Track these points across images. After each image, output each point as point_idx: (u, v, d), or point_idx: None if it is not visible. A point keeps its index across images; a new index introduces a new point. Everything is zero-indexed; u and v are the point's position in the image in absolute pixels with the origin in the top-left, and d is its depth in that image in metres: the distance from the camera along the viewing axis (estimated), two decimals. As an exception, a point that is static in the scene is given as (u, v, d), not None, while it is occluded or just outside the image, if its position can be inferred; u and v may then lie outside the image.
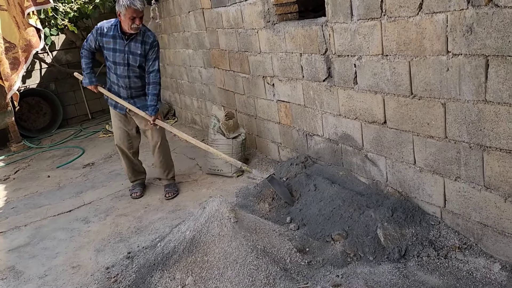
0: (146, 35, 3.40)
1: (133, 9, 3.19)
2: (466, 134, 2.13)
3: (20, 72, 5.28)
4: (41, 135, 6.72)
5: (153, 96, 3.43)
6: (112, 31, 3.38)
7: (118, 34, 3.37)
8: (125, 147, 3.70)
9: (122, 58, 3.41)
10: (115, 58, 3.43)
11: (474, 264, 2.19)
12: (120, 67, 3.44)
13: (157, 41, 3.48)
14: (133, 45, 3.38)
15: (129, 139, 3.70)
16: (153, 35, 3.44)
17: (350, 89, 2.81)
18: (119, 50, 3.39)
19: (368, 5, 2.46)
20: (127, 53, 3.39)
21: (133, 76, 3.47)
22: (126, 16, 3.22)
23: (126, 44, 3.38)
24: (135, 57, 3.40)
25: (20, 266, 2.94)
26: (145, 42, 3.39)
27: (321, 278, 2.29)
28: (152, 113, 3.42)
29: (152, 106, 3.43)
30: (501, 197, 2.06)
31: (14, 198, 4.24)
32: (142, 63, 3.44)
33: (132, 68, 3.44)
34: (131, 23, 3.25)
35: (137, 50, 3.38)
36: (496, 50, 1.88)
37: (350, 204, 2.72)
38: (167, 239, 2.62)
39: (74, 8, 6.09)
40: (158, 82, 3.46)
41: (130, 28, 3.27)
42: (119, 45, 3.39)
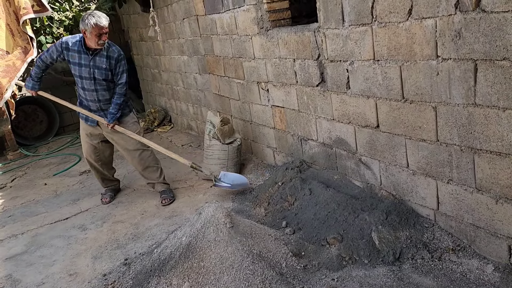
0: (110, 50, 3.48)
1: (99, 27, 3.28)
2: (457, 137, 2.17)
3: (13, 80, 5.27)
4: (37, 143, 6.72)
5: (115, 105, 3.57)
6: (77, 47, 3.46)
7: (83, 50, 3.45)
8: (93, 160, 3.82)
9: (88, 73, 3.49)
10: (81, 72, 3.51)
11: (467, 266, 2.21)
12: (86, 81, 3.53)
13: (123, 55, 3.56)
14: (98, 60, 3.46)
15: (97, 152, 3.80)
16: (117, 50, 3.53)
17: (343, 93, 2.84)
18: (84, 64, 3.48)
19: (359, 11, 2.50)
20: (92, 68, 3.48)
21: (101, 89, 3.56)
22: (93, 34, 3.29)
23: (91, 58, 3.46)
24: (100, 71, 3.49)
25: (17, 275, 2.94)
26: (110, 57, 3.48)
27: (316, 282, 2.30)
28: (110, 120, 3.56)
29: (111, 114, 3.57)
30: (493, 199, 2.09)
31: (11, 206, 4.24)
32: (107, 77, 3.53)
33: (98, 82, 3.53)
34: (98, 40, 3.33)
35: (102, 65, 3.47)
36: (484, 54, 1.91)
37: (345, 207, 2.74)
38: (163, 245, 2.64)
39: (69, 16, 6.11)
40: (123, 93, 3.59)
41: (97, 44, 3.36)
42: (84, 60, 3.47)
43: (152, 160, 3.78)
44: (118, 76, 3.54)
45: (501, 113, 1.92)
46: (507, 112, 1.90)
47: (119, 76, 3.54)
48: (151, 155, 3.78)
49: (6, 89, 5.26)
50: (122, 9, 6.74)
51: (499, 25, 1.82)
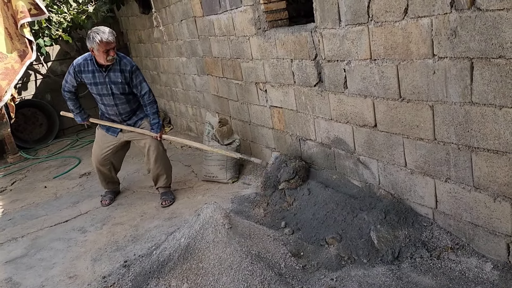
0: (122, 63, 3.46)
1: (105, 43, 3.25)
2: (454, 136, 2.16)
3: (12, 83, 5.28)
4: (37, 146, 6.73)
5: (154, 115, 3.60)
6: (89, 66, 3.45)
7: (96, 68, 3.44)
8: (101, 165, 3.83)
9: (106, 89, 3.49)
10: (98, 90, 3.52)
11: (466, 264, 2.21)
12: (105, 98, 3.54)
13: (135, 65, 3.54)
14: (113, 75, 3.45)
15: (106, 158, 3.79)
16: (129, 62, 3.50)
17: (341, 93, 2.84)
18: (100, 82, 3.48)
19: (355, 11, 2.50)
20: (108, 84, 3.47)
21: (120, 103, 3.57)
22: (100, 51, 3.27)
23: (106, 75, 3.45)
24: (117, 86, 3.48)
25: (17, 278, 2.94)
26: (123, 70, 3.46)
27: (315, 282, 2.30)
28: (157, 130, 3.60)
29: (155, 124, 3.60)
30: (491, 197, 2.09)
31: (11, 210, 4.25)
32: (125, 90, 3.52)
33: (117, 97, 3.53)
34: (106, 56, 3.31)
35: (118, 79, 3.46)
36: (480, 52, 1.91)
37: (343, 207, 2.74)
38: (162, 246, 2.64)
39: (67, 18, 6.12)
40: (153, 100, 3.61)
41: (106, 60, 3.34)
42: (99, 78, 3.47)
43: (166, 165, 3.78)
44: (138, 87, 3.52)
45: (497, 111, 1.92)
46: (503, 110, 1.90)
47: (139, 87, 3.52)
48: (167, 159, 3.79)
49: (6, 92, 5.27)
50: (121, 11, 6.75)
51: (494, 23, 1.81)
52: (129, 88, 3.53)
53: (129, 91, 3.54)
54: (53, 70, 7.14)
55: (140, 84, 3.52)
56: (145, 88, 3.54)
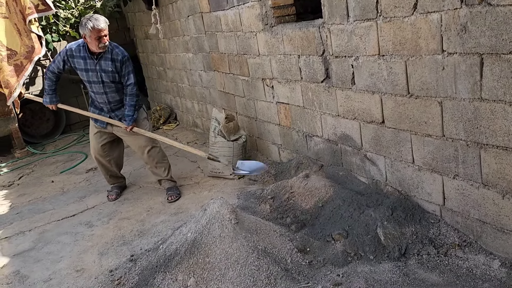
0: (114, 53, 3.47)
1: (97, 29, 3.26)
2: (463, 132, 2.15)
3: (21, 79, 5.31)
4: (44, 141, 6.77)
5: (130, 107, 3.58)
6: (81, 52, 3.46)
7: (88, 55, 3.45)
8: (101, 157, 3.84)
9: (96, 77, 3.51)
10: (89, 77, 3.53)
11: (473, 261, 2.20)
12: (95, 85, 3.55)
13: (127, 55, 3.54)
14: (104, 63, 3.46)
15: (105, 150, 3.81)
16: (121, 52, 3.50)
17: (348, 89, 2.83)
18: (91, 69, 3.49)
19: (364, 6, 2.48)
20: (99, 71, 3.48)
21: (110, 92, 3.58)
22: (92, 38, 3.29)
23: (97, 63, 3.46)
24: (107, 74, 3.49)
25: (25, 271, 2.97)
26: (114, 60, 3.47)
27: (322, 277, 2.30)
28: (129, 123, 3.57)
29: (129, 116, 3.57)
30: (499, 194, 2.08)
31: (18, 204, 4.28)
32: (115, 79, 3.54)
33: (107, 85, 3.54)
34: (98, 43, 3.32)
35: (108, 68, 3.47)
36: (490, 48, 1.90)
37: (350, 203, 2.74)
38: (169, 241, 2.65)
39: (75, 14, 6.14)
40: (135, 93, 3.59)
41: (98, 47, 3.35)
42: (90, 65, 3.48)
43: (161, 156, 3.80)
44: (126, 77, 3.54)
45: (507, 107, 1.91)
46: (513, 106, 1.88)
47: (126, 77, 3.53)
48: (160, 151, 3.80)
49: (15, 88, 5.31)
50: (127, 7, 6.76)
51: (505, 18, 1.80)
52: (119, 77, 3.54)
53: (119, 80, 3.56)
54: (60, 65, 7.15)
55: (127, 75, 3.53)
56: (131, 79, 3.55)
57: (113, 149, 3.89)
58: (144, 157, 3.76)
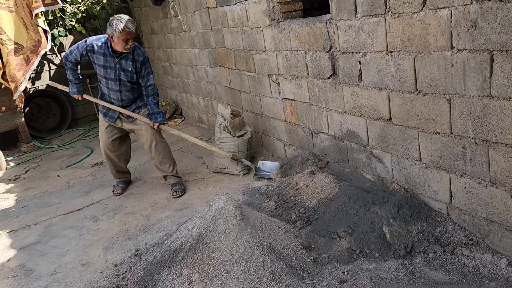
0: (136, 53, 3.48)
1: (127, 32, 3.26)
2: (472, 130, 2.13)
3: (27, 73, 5.33)
4: (50, 135, 6.79)
5: (155, 105, 3.65)
6: (103, 49, 3.45)
7: (109, 53, 3.45)
8: (110, 151, 3.85)
9: (114, 74, 3.51)
10: (106, 74, 3.53)
11: (480, 260, 2.19)
12: (111, 82, 3.56)
13: (147, 57, 3.58)
14: (124, 63, 3.47)
15: (114, 144, 3.82)
16: (142, 53, 3.53)
17: (355, 86, 2.81)
18: (110, 67, 3.50)
19: (372, 2, 2.46)
20: (118, 70, 3.49)
21: (125, 90, 3.60)
22: (120, 39, 3.28)
23: (118, 61, 3.47)
24: (126, 73, 3.51)
25: (31, 264, 2.98)
26: (135, 60, 3.48)
27: (327, 274, 2.30)
28: (163, 119, 3.64)
29: (159, 113, 3.64)
30: (507, 192, 2.05)
31: (24, 197, 4.30)
32: (133, 79, 3.55)
33: (123, 83, 3.56)
34: (125, 44, 3.32)
35: (128, 67, 3.49)
36: (501, 45, 1.87)
37: (355, 201, 2.72)
38: (174, 236, 2.65)
39: (81, 9, 6.14)
40: (156, 92, 3.68)
41: (124, 49, 3.35)
42: (110, 62, 3.48)
43: (167, 152, 3.81)
44: (145, 78, 3.57)
45: (517, 105, 1.88)
46: (523, 104, 1.86)
47: (146, 78, 3.57)
48: (166, 146, 3.81)
49: (21, 82, 5.33)
50: (134, 2, 6.75)
51: (516, 14, 1.77)
52: (137, 78, 3.56)
53: (135, 80, 3.58)
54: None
55: (147, 76, 3.58)
56: (150, 80, 3.60)
57: (122, 144, 3.90)
58: (151, 151, 3.77)
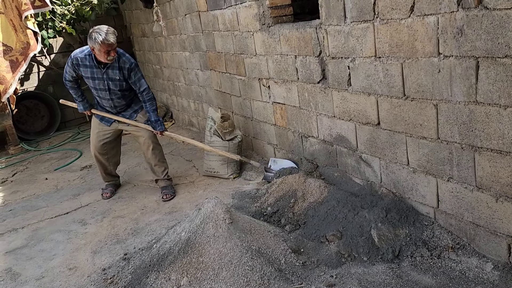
0: (121, 61, 3.44)
1: (107, 44, 3.21)
2: (458, 135, 2.16)
3: (17, 75, 5.29)
4: (39, 138, 6.73)
5: (154, 112, 3.60)
6: (88, 61, 3.42)
7: (94, 64, 3.42)
8: (99, 154, 3.83)
9: (103, 85, 3.50)
10: (95, 85, 3.52)
11: (467, 264, 2.21)
12: (101, 92, 3.55)
13: (134, 62, 3.51)
14: (111, 72, 3.44)
15: (105, 148, 3.80)
16: (128, 60, 3.47)
17: (344, 90, 2.83)
18: (97, 78, 3.47)
19: (361, 8, 2.48)
20: (106, 80, 3.47)
21: (116, 98, 3.58)
22: (101, 51, 3.25)
23: (104, 72, 3.44)
24: (114, 82, 3.48)
25: (17, 268, 2.95)
26: (122, 68, 3.44)
27: (315, 278, 2.30)
28: (161, 128, 3.62)
29: (157, 121, 3.61)
30: (493, 197, 2.08)
31: (11, 201, 4.25)
32: (122, 87, 3.52)
33: (113, 92, 3.54)
34: (107, 56, 3.29)
35: (116, 76, 3.46)
36: (486, 51, 1.90)
37: (344, 205, 2.74)
38: (162, 240, 2.64)
39: (71, 10, 6.10)
40: (152, 97, 3.61)
41: (107, 60, 3.32)
42: (96, 74, 3.46)
43: (162, 155, 3.81)
44: (137, 84, 3.52)
45: (502, 111, 1.91)
46: (508, 110, 1.89)
47: (138, 84, 3.51)
48: (161, 151, 3.81)
49: (11, 84, 5.29)
50: (124, 5, 6.73)
51: (501, 22, 1.80)
52: (126, 85, 3.53)
53: (126, 87, 3.54)
54: (56, 62, 7.12)
55: (139, 81, 3.52)
56: (143, 85, 3.54)
57: (112, 148, 3.88)
58: (148, 154, 3.74)
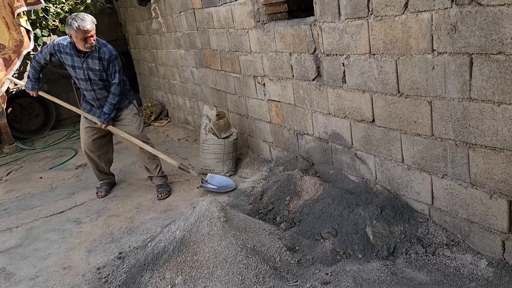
0: (102, 51, 3.43)
1: (83, 31, 3.21)
2: (452, 132, 2.16)
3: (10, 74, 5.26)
4: (33, 137, 6.69)
5: (110, 105, 3.56)
6: (69, 49, 3.42)
7: (75, 53, 3.41)
8: (90, 152, 3.81)
9: (83, 74, 3.48)
10: (76, 74, 3.51)
11: (461, 261, 2.21)
12: (83, 82, 3.53)
13: (115, 54, 3.50)
14: (91, 62, 3.43)
15: (95, 145, 3.79)
16: (109, 51, 3.45)
17: (339, 88, 2.82)
18: (77, 67, 3.46)
19: (355, 5, 2.48)
20: (86, 69, 3.45)
21: (97, 89, 3.56)
22: (78, 38, 3.25)
23: (84, 61, 3.43)
24: (94, 72, 3.46)
25: (11, 268, 2.93)
26: (101, 58, 3.43)
27: (310, 276, 2.30)
28: (104, 121, 3.57)
29: (105, 114, 3.57)
30: (487, 194, 2.08)
31: (6, 200, 4.23)
32: (102, 77, 3.51)
33: (94, 82, 3.52)
34: (84, 43, 3.28)
35: (95, 66, 3.44)
36: (480, 48, 1.90)
37: (339, 202, 2.74)
38: (157, 239, 2.63)
39: (65, 9, 6.06)
40: (117, 93, 3.56)
41: (85, 47, 3.31)
42: (77, 62, 3.45)
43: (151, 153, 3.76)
44: (112, 76, 3.50)
45: (496, 107, 1.91)
46: (502, 106, 1.89)
47: (112, 76, 3.50)
48: (152, 147, 3.77)
49: (3, 83, 5.25)
50: (119, 2, 6.69)
51: (495, 18, 1.80)
52: (106, 76, 3.52)
53: (106, 78, 3.53)
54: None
55: (114, 74, 3.50)
56: (116, 79, 3.51)
57: (103, 145, 3.86)
58: (136, 152, 3.74)
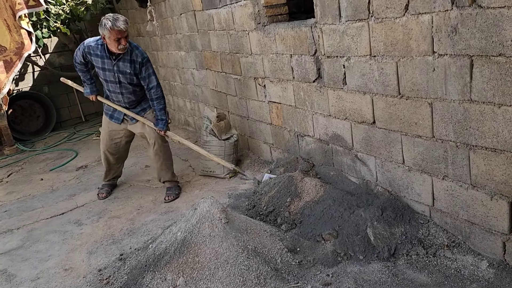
0: (134, 54, 3.36)
1: (117, 31, 3.14)
2: (453, 133, 2.16)
3: (11, 76, 5.27)
4: (34, 138, 6.70)
5: (160, 111, 3.51)
6: (100, 51, 3.36)
7: (106, 55, 3.35)
8: (109, 153, 3.80)
9: (113, 77, 3.42)
10: (105, 76, 3.45)
11: (462, 262, 2.22)
12: (112, 85, 3.48)
13: (147, 57, 3.44)
14: (122, 65, 3.36)
15: (116, 147, 3.78)
16: (141, 53, 3.40)
17: (340, 89, 2.83)
18: (108, 69, 3.40)
19: (356, 7, 2.49)
20: (116, 72, 3.39)
21: (126, 93, 3.50)
22: (111, 39, 3.18)
23: (115, 63, 3.37)
24: (125, 75, 3.40)
25: (12, 269, 2.93)
26: (134, 61, 3.37)
27: (311, 277, 2.31)
28: (163, 128, 3.54)
29: (162, 120, 3.53)
30: (488, 195, 2.09)
31: (7, 201, 4.23)
32: (133, 81, 3.44)
33: (124, 86, 3.46)
34: (118, 44, 3.21)
35: (127, 69, 3.37)
36: (480, 50, 1.91)
37: (340, 203, 2.74)
38: (158, 240, 2.63)
39: (66, 10, 6.07)
40: (161, 96, 3.50)
41: (117, 49, 3.24)
42: (107, 64, 3.38)
43: (167, 156, 3.74)
44: (146, 80, 3.42)
45: (496, 109, 1.92)
46: (502, 108, 1.89)
47: (147, 80, 3.42)
48: (167, 151, 3.74)
49: (5, 84, 5.26)
50: (120, 4, 6.70)
51: (495, 20, 1.81)
52: (137, 80, 3.44)
53: (136, 82, 3.46)
54: (51, 62, 7.10)
55: (148, 77, 3.42)
56: (153, 82, 3.43)
57: (124, 149, 3.85)
58: (152, 154, 3.70)
